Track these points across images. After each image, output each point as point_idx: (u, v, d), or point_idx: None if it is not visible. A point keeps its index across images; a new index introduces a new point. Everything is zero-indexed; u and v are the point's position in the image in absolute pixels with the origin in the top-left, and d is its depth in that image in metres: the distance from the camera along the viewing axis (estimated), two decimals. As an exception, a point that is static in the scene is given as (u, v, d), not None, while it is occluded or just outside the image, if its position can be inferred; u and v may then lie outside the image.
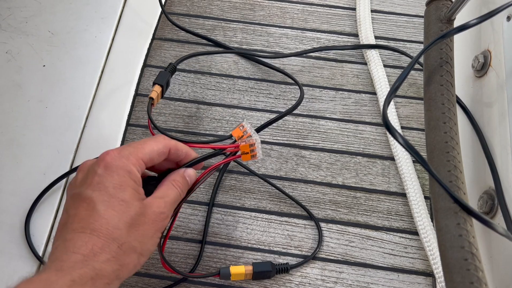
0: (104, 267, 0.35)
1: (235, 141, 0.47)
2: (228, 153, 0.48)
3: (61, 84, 0.64)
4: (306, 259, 0.54)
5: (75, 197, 0.39)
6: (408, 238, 0.56)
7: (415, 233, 0.56)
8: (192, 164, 0.46)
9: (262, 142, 0.61)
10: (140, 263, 0.39)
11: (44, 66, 0.66)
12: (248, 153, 0.46)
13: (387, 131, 0.40)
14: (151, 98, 0.49)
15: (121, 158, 0.40)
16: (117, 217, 0.37)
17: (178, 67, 0.66)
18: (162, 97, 0.51)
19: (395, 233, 0.56)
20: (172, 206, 0.42)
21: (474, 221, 0.52)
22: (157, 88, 0.50)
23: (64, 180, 0.58)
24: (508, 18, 0.55)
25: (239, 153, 0.47)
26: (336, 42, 0.68)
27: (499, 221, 0.51)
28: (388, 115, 0.61)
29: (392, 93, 0.41)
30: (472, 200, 0.54)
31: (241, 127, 0.46)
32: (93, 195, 0.38)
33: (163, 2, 0.70)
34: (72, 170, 0.58)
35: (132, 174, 0.40)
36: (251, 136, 0.46)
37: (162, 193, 0.42)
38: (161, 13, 0.70)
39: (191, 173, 0.45)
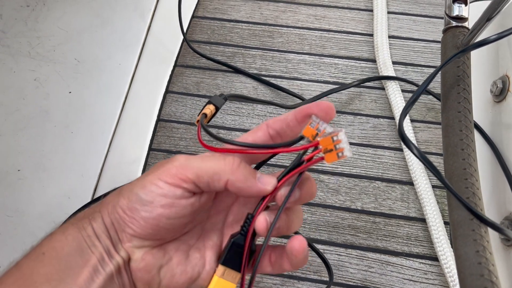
0: (89, 210, 0.34)
1: (309, 140, 0.33)
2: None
3: (86, 110, 0.67)
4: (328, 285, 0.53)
5: None
6: (428, 264, 0.55)
7: (435, 259, 0.55)
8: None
9: (281, 166, 0.62)
10: (119, 204, 0.32)
11: (70, 92, 0.68)
12: (332, 149, 0.32)
13: (402, 142, 0.41)
14: (204, 114, 0.40)
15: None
16: None
17: (198, 93, 0.68)
18: (209, 121, 0.42)
19: (415, 259, 0.56)
20: (196, 170, 0.32)
21: (494, 250, 0.51)
22: (211, 107, 0.41)
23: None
24: (526, 44, 0.56)
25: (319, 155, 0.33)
26: (354, 68, 0.69)
27: (521, 247, 0.50)
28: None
29: (408, 107, 0.42)
30: (493, 226, 0.54)
31: (312, 124, 0.33)
32: None
33: (185, 30, 0.72)
34: (93, 201, 0.59)
35: None
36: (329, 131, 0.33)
37: (200, 155, 0.33)
38: (183, 41, 0.72)
39: (268, 179, 0.33)
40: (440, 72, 0.51)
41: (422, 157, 0.39)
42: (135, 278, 0.33)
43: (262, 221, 0.33)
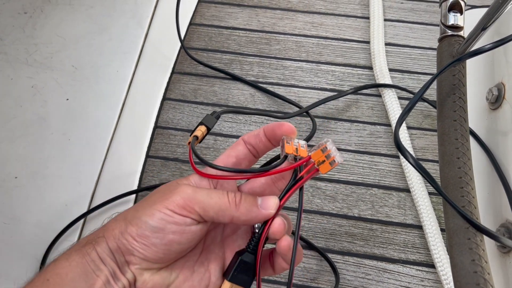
0: (91, 235, 0.35)
1: (295, 157, 0.35)
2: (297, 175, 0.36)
3: (84, 117, 0.67)
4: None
5: None
6: (425, 271, 0.56)
7: (432, 266, 0.56)
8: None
9: (278, 173, 0.62)
10: (128, 231, 0.33)
11: (67, 99, 0.68)
12: (324, 160, 0.34)
13: (399, 151, 0.41)
14: (196, 136, 0.40)
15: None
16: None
17: (196, 100, 0.68)
18: (201, 141, 0.42)
19: (411, 266, 0.56)
20: (203, 205, 0.34)
21: (491, 256, 0.51)
22: (203, 128, 0.42)
23: (82, 220, 0.59)
24: (521, 52, 0.56)
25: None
26: (351, 75, 0.70)
27: (517, 254, 0.50)
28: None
29: (404, 116, 0.43)
30: (489, 234, 0.54)
31: (288, 142, 0.36)
32: None
33: (182, 38, 0.72)
34: (89, 211, 0.59)
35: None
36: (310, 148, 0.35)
37: (205, 188, 0.35)
38: (180, 48, 0.73)
39: (269, 202, 0.35)
40: (436, 81, 0.52)
41: (418, 166, 0.39)
42: None
43: (280, 223, 0.35)
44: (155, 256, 0.34)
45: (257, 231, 0.36)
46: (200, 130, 0.41)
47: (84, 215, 0.59)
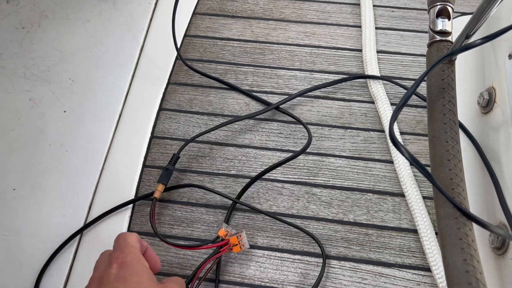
0: None
1: (222, 239, 0.54)
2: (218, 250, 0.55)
3: (81, 128, 0.67)
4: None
5: None
6: (421, 275, 0.56)
7: (428, 269, 0.56)
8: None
9: (274, 180, 0.63)
10: None
11: (65, 112, 0.69)
12: (237, 244, 0.53)
13: (393, 144, 0.42)
14: (155, 198, 0.59)
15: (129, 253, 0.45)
16: None
17: (191, 109, 0.69)
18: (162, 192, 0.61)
19: (407, 270, 0.56)
20: None
21: (486, 259, 0.52)
22: (161, 187, 0.60)
23: (78, 236, 0.60)
24: (510, 57, 0.57)
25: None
26: (344, 82, 0.71)
27: (511, 256, 0.51)
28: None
29: (398, 111, 0.43)
30: (483, 236, 0.55)
31: (224, 227, 0.55)
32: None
33: (178, 47, 0.73)
34: (85, 227, 0.59)
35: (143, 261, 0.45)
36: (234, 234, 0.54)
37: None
38: (176, 58, 0.74)
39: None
40: (426, 85, 0.53)
41: (412, 157, 0.40)
42: None
43: None
44: None
45: None
46: (158, 190, 0.59)
47: (81, 230, 0.59)
